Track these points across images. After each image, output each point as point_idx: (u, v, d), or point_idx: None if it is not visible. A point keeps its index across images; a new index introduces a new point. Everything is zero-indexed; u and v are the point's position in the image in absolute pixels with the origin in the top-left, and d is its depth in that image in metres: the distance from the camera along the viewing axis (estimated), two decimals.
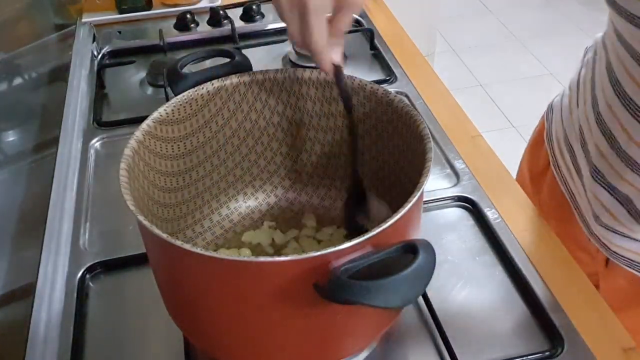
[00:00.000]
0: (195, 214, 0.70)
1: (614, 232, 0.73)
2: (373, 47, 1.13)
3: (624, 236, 0.72)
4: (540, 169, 0.88)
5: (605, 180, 0.71)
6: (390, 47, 1.12)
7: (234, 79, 0.65)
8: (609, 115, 0.68)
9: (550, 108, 0.89)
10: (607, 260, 0.78)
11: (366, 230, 0.47)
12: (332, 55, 0.58)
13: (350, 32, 1.16)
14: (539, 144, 0.91)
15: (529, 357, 0.62)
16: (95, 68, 1.11)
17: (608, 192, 0.71)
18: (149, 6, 1.26)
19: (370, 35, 1.13)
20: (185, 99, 0.63)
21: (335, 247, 0.45)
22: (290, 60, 1.10)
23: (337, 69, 0.59)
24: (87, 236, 0.79)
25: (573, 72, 0.83)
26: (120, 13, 1.25)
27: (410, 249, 0.46)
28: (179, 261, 0.50)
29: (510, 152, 1.06)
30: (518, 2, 3.38)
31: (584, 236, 0.80)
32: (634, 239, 0.72)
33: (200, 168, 0.68)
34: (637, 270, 0.74)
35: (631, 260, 0.74)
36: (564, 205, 0.83)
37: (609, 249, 0.75)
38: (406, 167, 0.63)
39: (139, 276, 0.73)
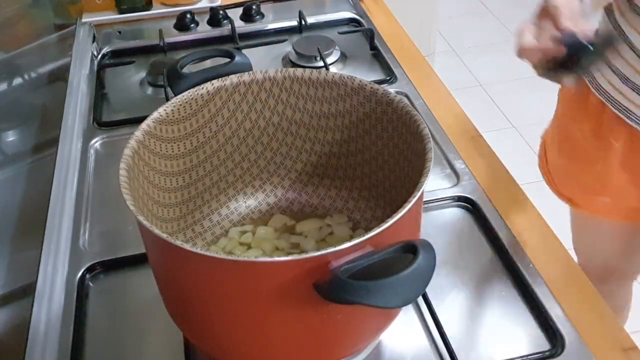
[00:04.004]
0: (195, 214, 0.70)
1: None
2: (373, 47, 1.13)
3: None
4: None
5: None
6: (390, 47, 1.12)
7: (234, 79, 0.65)
8: None
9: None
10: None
11: None
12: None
13: (350, 32, 1.18)
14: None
15: (529, 357, 0.62)
16: (95, 68, 1.11)
17: None
18: (148, 6, 1.26)
19: (370, 35, 1.13)
20: (185, 99, 0.63)
21: (335, 247, 0.45)
22: (290, 60, 1.10)
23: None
24: (87, 236, 0.79)
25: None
26: (120, 13, 1.25)
27: (410, 249, 0.46)
28: (179, 261, 0.50)
29: (510, 152, 1.06)
30: (518, 2, 3.37)
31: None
32: None
33: (200, 168, 0.68)
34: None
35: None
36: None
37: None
38: (406, 167, 0.63)
39: (139, 276, 0.73)
